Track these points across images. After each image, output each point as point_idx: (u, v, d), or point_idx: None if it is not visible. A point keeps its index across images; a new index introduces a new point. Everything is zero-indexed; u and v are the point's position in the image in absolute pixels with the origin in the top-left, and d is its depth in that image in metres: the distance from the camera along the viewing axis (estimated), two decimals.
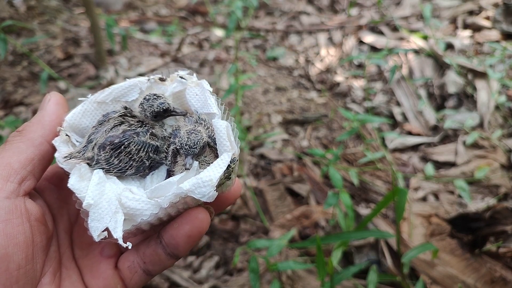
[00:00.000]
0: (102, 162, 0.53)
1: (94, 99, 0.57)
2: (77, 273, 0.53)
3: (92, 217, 0.48)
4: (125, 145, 0.53)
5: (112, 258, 0.54)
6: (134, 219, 0.49)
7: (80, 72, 2.38)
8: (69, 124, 0.55)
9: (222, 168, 0.48)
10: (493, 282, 1.26)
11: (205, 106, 0.57)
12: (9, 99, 2.16)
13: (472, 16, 2.65)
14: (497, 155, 1.78)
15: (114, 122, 0.55)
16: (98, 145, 0.53)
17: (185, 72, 0.60)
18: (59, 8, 3.06)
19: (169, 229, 0.50)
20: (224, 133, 0.51)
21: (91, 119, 0.57)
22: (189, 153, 0.50)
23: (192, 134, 0.51)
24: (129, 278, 0.53)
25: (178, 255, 0.51)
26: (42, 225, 0.49)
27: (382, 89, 2.33)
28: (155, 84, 0.60)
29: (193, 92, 0.59)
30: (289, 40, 2.84)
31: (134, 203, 0.49)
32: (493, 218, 1.38)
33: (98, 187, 0.50)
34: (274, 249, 1.13)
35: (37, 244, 0.47)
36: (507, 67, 2.13)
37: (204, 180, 0.47)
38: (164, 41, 2.76)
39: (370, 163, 1.81)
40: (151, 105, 0.55)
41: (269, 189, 1.69)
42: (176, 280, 1.39)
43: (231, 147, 0.51)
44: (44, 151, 0.51)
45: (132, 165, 0.54)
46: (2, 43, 1.43)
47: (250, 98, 2.28)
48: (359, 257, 1.42)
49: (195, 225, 0.49)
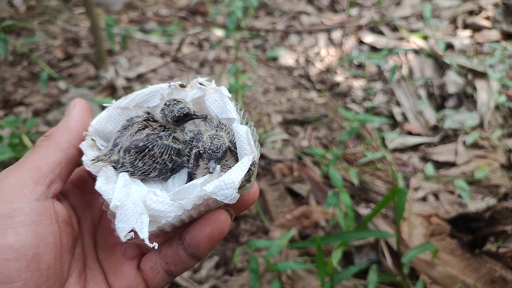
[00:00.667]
0: (127, 165, 0.55)
1: (118, 105, 0.60)
2: (101, 274, 0.55)
3: (119, 218, 0.50)
4: (149, 148, 0.55)
5: (134, 259, 0.56)
6: (159, 221, 0.51)
7: (80, 72, 2.38)
8: (94, 129, 0.57)
9: (244, 171, 0.50)
10: (493, 282, 1.26)
11: (224, 111, 0.59)
12: (9, 99, 2.16)
13: (472, 16, 2.65)
14: (497, 155, 1.78)
15: (138, 126, 0.57)
16: (124, 149, 0.55)
17: (204, 79, 0.63)
18: (59, 8, 3.06)
19: (191, 231, 0.52)
20: (244, 137, 0.52)
21: (115, 124, 0.60)
22: (212, 157, 0.53)
23: (215, 139, 0.53)
24: (151, 278, 0.55)
25: (199, 256, 0.53)
26: (69, 227, 0.51)
27: (382, 89, 2.33)
28: (176, 90, 0.62)
29: (212, 98, 0.61)
30: (289, 40, 2.84)
31: (158, 205, 0.51)
32: (493, 218, 1.38)
33: (124, 189, 0.52)
34: (274, 249, 1.13)
35: (65, 245, 0.49)
36: (507, 67, 2.13)
37: (226, 183, 0.49)
38: (164, 41, 2.76)
39: (370, 163, 1.81)
40: (172, 110, 0.57)
41: (269, 189, 1.69)
42: (176, 280, 1.39)
43: (251, 151, 0.52)
44: (71, 155, 0.53)
45: (156, 168, 0.56)
46: (2, 43, 1.43)
47: (250, 98, 2.28)
48: (359, 257, 1.42)
49: (216, 226, 0.51)
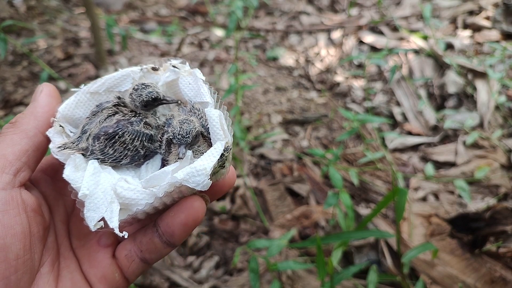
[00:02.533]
0: (97, 152, 0.53)
1: (87, 89, 0.57)
2: (75, 263, 0.54)
3: (88, 207, 0.48)
4: (119, 134, 0.54)
5: (109, 247, 0.55)
6: (130, 209, 0.50)
7: (80, 72, 2.38)
8: (62, 115, 0.55)
9: (216, 157, 0.49)
10: (493, 282, 1.26)
11: (198, 95, 0.57)
12: (9, 99, 2.16)
13: (472, 16, 2.65)
14: (497, 155, 1.78)
15: (108, 112, 0.55)
16: (93, 136, 0.53)
17: (178, 61, 0.60)
18: (59, 8, 3.06)
19: (165, 218, 0.51)
20: (217, 122, 0.51)
21: (85, 110, 0.57)
22: (182, 142, 0.51)
23: (185, 123, 0.52)
24: (126, 266, 0.54)
25: (174, 243, 0.52)
26: (39, 216, 0.49)
27: (382, 89, 2.33)
28: (148, 73, 0.60)
29: (186, 81, 0.59)
30: (289, 40, 2.84)
31: (129, 193, 0.49)
32: (493, 218, 1.38)
33: (93, 177, 0.50)
34: (274, 249, 1.13)
35: (34, 235, 0.48)
36: (507, 67, 2.13)
37: (198, 169, 0.47)
38: (164, 41, 2.76)
39: (370, 163, 1.81)
40: (140, 94, 0.55)
41: (269, 189, 1.69)
42: (176, 280, 1.39)
43: (224, 136, 0.51)
44: (38, 142, 0.52)
45: (127, 155, 0.54)
46: (2, 43, 1.43)
47: (250, 98, 2.28)
48: (359, 257, 1.42)
49: (190, 213, 0.50)
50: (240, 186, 1.71)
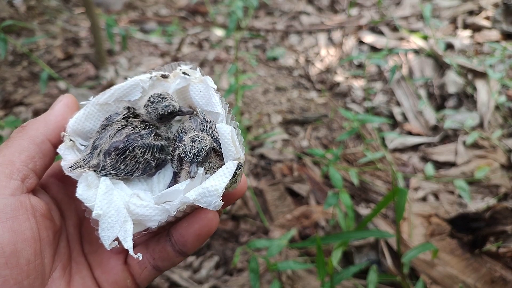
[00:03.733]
0: (109, 168, 0.53)
1: (96, 101, 0.57)
2: (87, 268, 0.54)
3: (102, 227, 0.49)
4: (129, 150, 0.53)
5: (121, 253, 0.55)
6: (143, 224, 0.50)
7: (80, 72, 2.38)
8: (72, 129, 0.54)
9: (228, 177, 0.49)
10: (493, 282, 1.26)
11: (209, 104, 0.57)
12: (9, 99, 2.16)
13: (472, 16, 2.65)
14: (497, 155, 1.78)
15: (117, 125, 0.55)
16: (103, 152, 0.53)
17: (188, 67, 0.59)
18: (59, 8, 3.06)
19: (179, 228, 0.51)
20: (228, 138, 0.50)
21: (95, 122, 0.57)
22: (193, 161, 0.51)
23: (196, 141, 0.51)
24: (138, 273, 0.54)
25: (186, 253, 0.52)
26: (48, 220, 0.49)
27: (382, 89, 2.33)
28: (158, 81, 0.59)
29: (197, 88, 0.58)
30: (289, 40, 2.84)
31: (142, 210, 0.50)
32: (493, 218, 1.38)
33: (106, 196, 0.50)
34: (274, 249, 1.13)
35: (44, 239, 0.48)
36: (507, 67, 2.13)
37: (210, 190, 0.47)
38: (164, 41, 2.76)
39: (370, 163, 1.81)
40: (156, 108, 0.55)
41: (269, 189, 1.69)
42: (176, 280, 1.39)
43: (236, 152, 0.51)
44: (45, 150, 0.51)
45: (139, 168, 0.54)
46: (2, 43, 1.43)
47: (250, 98, 2.28)
48: (359, 257, 1.42)
49: (204, 224, 0.50)
50: None
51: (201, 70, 0.59)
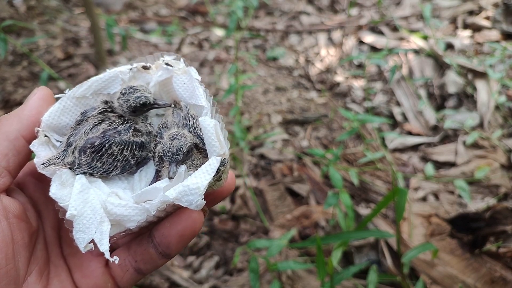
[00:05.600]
0: (84, 166, 0.50)
1: (73, 94, 0.53)
2: (66, 271, 0.51)
3: (77, 228, 0.46)
4: (106, 147, 0.50)
5: (102, 256, 0.51)
6: (122, 225, 0.48)
7: (80, 72, 2.38)
8: (47, 124, 0.51)
9: (211, 174, 0.46)
10: (493, 282, 1.26)
11: (193, 96, 0.54)
12: (9, 99, 2.16)
13: (472, 16, 2.65)
14: (497, 155, 1.78)
15: (93, 121, 0.51)
16: (78, 149, 0.50)
17: (171, 57, 0.56)
18: (59, 8, 3.06)
19: (161, 228, 0.49)
20: (212, 133, 0.47)
21: (71, 116, 0.53)
22: (172, 160, 0.48)
23: (175, 139, 0.48)
24: (120, 276, 0.51)
25: (170, 254, 0.50)
26: (22, 222, 0.47)
27: (382, 89, 2.33)
28: (138, 73, 0.56)
29: (181, 80, 0.54)
30: (289, 40, 2.84)
31: (120, 209, 0.47)
32: (493, 218, 1.38)
33: (81, 195, 0.47)
34: (274, 249, 1.13)
35: (18, 242, 0.45)
36: (507, 67, 2.13)
37: (191, 188, 0.45)
38: (164, 41, 2.76)
39: (370, 163, 1.81)
40: (127, 99, 0.51)
41: (269, 189, 1.69)
42: (176, 280, 1.39)
43: (220, 147, 0.48)
44: (19, 146, 0.48)
45: (117, 166, 0.51)
46: (2, 43, 1.43)
47: (250, 98, 2.28)
48: (359, 257, 1.42)
49: (188, 224, 0.47)
50: (240, 186, 1.71)
51: (185, 61, 0.56)
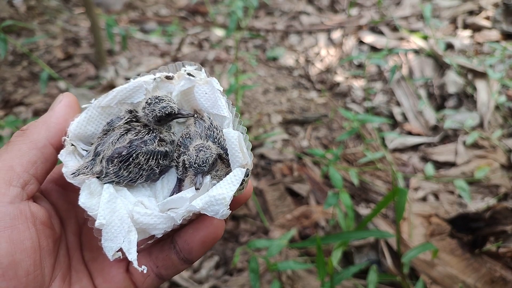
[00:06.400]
0: (111, 175, 0.51)
1: (98, 104, 0.55)
2: (88, 277, 0.52)
3: (105, 237, 0.47)
4: (133, 156, 0.52)
5: (123, 261, 0.53)
6: (148, 232, 0.49)
7: (80, 72, 2.38)
8: (74, 134, 0.52)
9: (236, 185, 0.47)
10: (493, 282, 1.26)
11: (215, 106, 0.55)
12: (9, 99, 2.16)
13: (472, 16, 2.65)
14: (497, 155, 1.78)
15: (120, 131, 0.53)
16: (106, 158, 0.51)
17: (193, 67, 0.58)
18: (59, 8, 3.06)
19: (183, 235, 0.50)
20: (236, 144, 0.49)
21: (97, 125, 0.55)
22: (198, 171, 0.49)
23: (201, 151, 0.50)
24: (141, 282, 0.52)
25: (191, 260, 0.51)
26: (48, 229, 0.48)
27: (382, 89, 2.33)
28: (162, 83, 0.57)
29: (202, 90, 0.56)
30: (289, 40, 2.84)
31: (146, 218, 0.48)
32: (493, 218, 1.38)
33: (109, 204, 0.49)
34: (274, 249, 1.13)
35: (44, 248, 0.46)
36: (507, 67, 2.13)
37: (217, 198, 0.46)
38: (164, 41, 2.76)
39: (370, 163, 1.81)
40: (153, 109, 0.53)
41: (269, 189, 1.69)
42: (176, 280, 1.39)
43: (243, 158, 0.49)
44: (47, 154, 0.50)
45: (143, 174, 0.53)
46: (2, 43, 1.43)
47: (250, 98, 2.28)
48: (359, 257, 1.42)
49: (210, 231, 0.48)
50: None
51: (206, 71, 0.57)
